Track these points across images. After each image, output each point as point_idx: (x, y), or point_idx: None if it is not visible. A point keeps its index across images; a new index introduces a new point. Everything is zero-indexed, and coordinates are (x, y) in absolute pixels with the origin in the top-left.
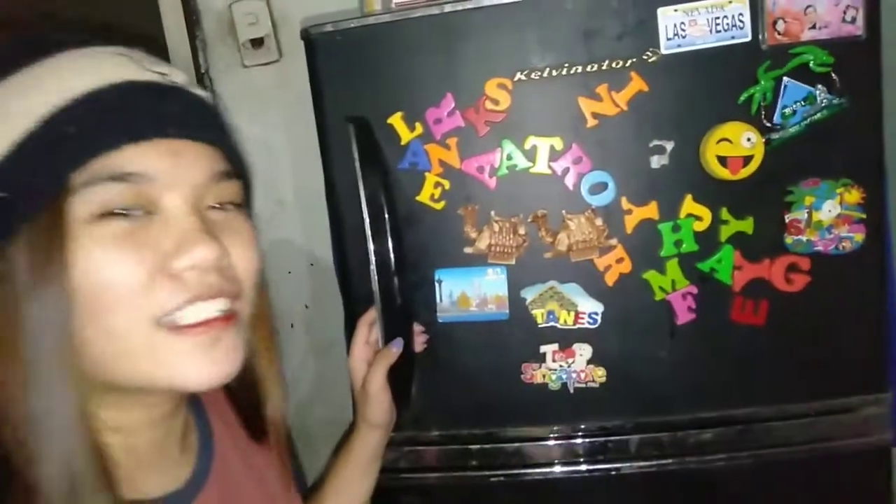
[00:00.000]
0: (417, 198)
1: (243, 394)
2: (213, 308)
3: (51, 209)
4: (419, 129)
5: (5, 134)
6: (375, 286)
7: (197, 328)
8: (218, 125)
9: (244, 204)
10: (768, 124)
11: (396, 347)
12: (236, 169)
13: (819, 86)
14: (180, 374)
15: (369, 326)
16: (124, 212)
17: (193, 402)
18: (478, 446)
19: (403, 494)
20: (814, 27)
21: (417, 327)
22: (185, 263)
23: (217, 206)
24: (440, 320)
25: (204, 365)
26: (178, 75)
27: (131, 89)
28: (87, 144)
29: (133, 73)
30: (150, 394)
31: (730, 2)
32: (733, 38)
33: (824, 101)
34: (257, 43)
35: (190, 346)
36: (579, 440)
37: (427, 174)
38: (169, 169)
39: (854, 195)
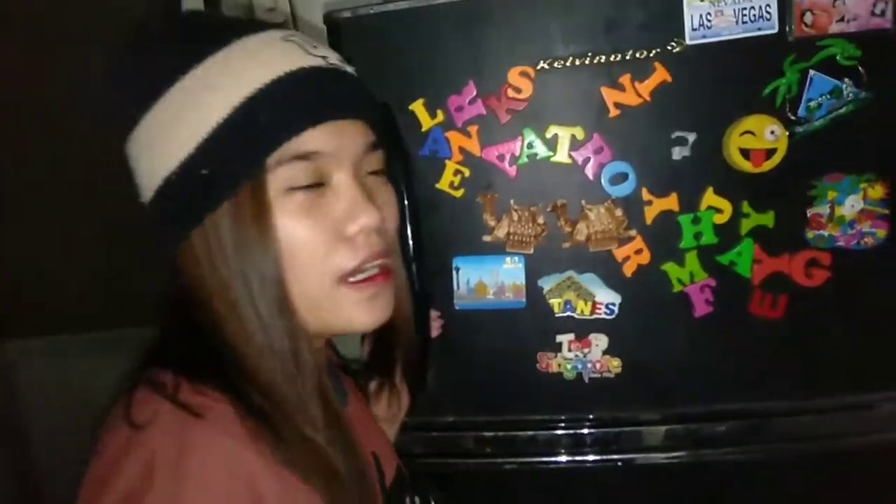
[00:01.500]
0: (437, 185)
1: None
2: (376, 266)
3: (250, 186)
4: (440, 116)
5: (202, 122)
6: None
7: (365, 283)
8: (367, 101)
9: (385, 170)
10: (793, 117)
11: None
12: (379, 139)
13: (846, 79)
14: (351, 321)
15: None
16: (306, 186)
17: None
18: (492, 433)
19: (416, 478)
20: (842, 20)
21: (434, 314)
22: (354, 228)
23: (370, 172)
24: (457, 307)
25: (368, 313)
26: (332, 55)
27: (304, 77)
28: (278, 131)
29: (302, 60)
30: (320, 340)
31: None
32: (760, 29)
33: (850, 94)
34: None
35: (359, 298)
36: (593, 430)
37: (447, 161)
38: (337, 145)
39: (878, 191)
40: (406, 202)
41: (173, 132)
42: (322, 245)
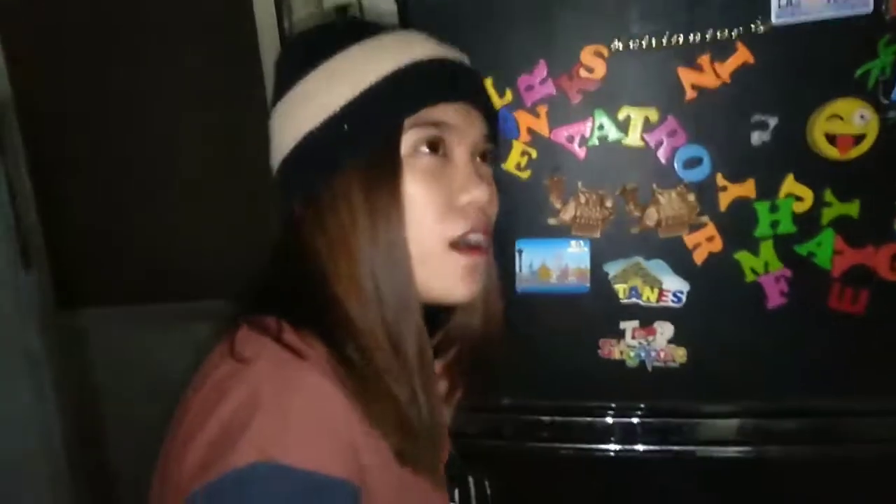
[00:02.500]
0: (503, 165)
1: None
2: (480, 238)
3: (386, 142)
4: (509, 95)
5: (353, 86)
6: None
7: (469, 252)
8: (488, 97)
9: (494, 162)
10: (885, 101)
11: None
12: (493, 134)
13: None
14: (450, 289)
15: None
16: (431, 149)
17: None
18: (549, 418)
19: (470, 462)
20: None
21: None
22: (467, 199)
23: (481, 158)
24: (519, 290)
25: (466, 283)
26: (457, 53)
27: (444, 63)
28: (419, 98)
29: (438, 51)
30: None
31: None
32: (853, 8)
33: None
34: (341, 10)
35: (463, 264)
36: (652, 420)
37: (514, 142)
38: (462, 123)
39: None
40: None
41: (320, 97)
42: (439, 207)
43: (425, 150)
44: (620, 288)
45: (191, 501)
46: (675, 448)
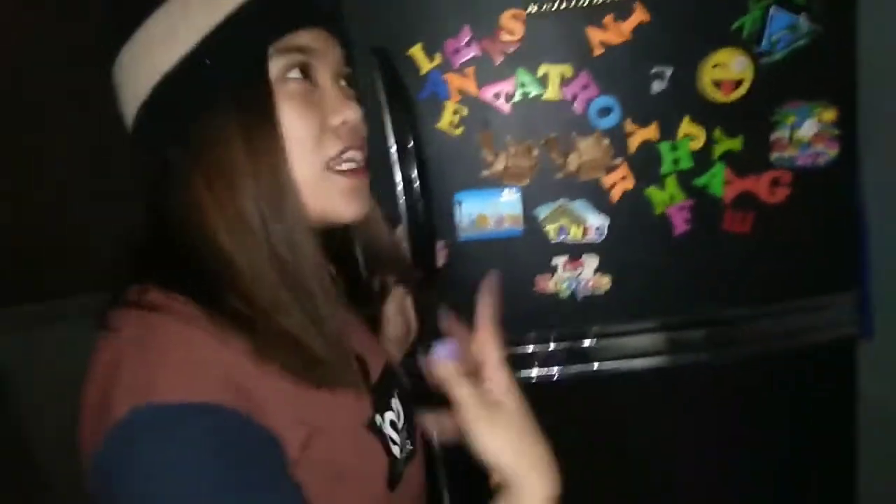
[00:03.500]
0: (437, 125)
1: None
2: (359, 156)
3: (256, 72)
4: (438, 59)
5: (204, 19)
6: (402, 209)
7: (350, 173)
8: (342, 21)
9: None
10: (757, 49)
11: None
12: (350, 57)
13: (802, 14)
14: (338, 209)
15: None
16: (300, 77)
17: None
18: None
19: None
20: None
21: (440, 245)
22: (339, 119)
23: (344, 82)
24: (460, 239)
25: (352, 203)
26: None
27: None
28: (282, 24)
29: None
30: (316, 236)
31: None
32: None
33: (806, 28)
34: None
35: (345, 185)
36: (587, 342)
37: (446, 102)
38: (324, 47)
39: (830, 115)
40: (410, 143)
41: (174, 34)
42: (313, 130)
43: (294, 75)
44: (550, 228)
45: (95, 468)
46: (608, 366)
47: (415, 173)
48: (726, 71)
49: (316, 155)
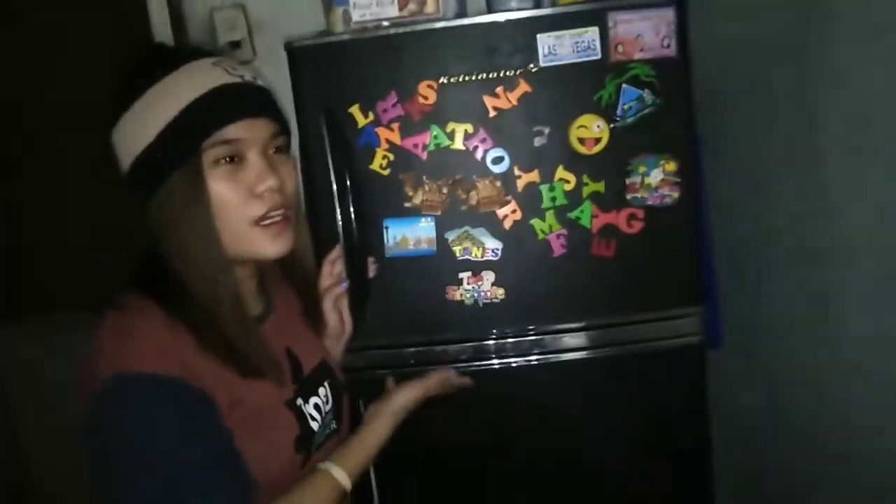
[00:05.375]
0: (370, 167)
1: (298, 279)
2: (281, 213)
3: (192, 163)
4: (371, 116)
5: (158, 120)
6: (341, 232)
7: (272, 226)
8: (272, 103)
9: (289, 149)
10: (613, 116)
11: (345, 283)
12: (283, 128)
13: (646, 90)
14: (264, 249)
15: (331, 264)
16: (228, 160)
17: (262, 276)
18: (414, 349)
19: (360, 389)
20: (642, 50)
21: (370, 260)
22: (262, 188)
23: (274, 151)
24: (388, 256)
25: (274, 246)
26: (248, 73)
27: (226, 90)
28: (209, 126)
29: (225, 78)
30: (246, 263)
31: (587, 31)
32: (589, 56)
33: (650, 100)
34: (235, 45)
35: (267, 235)
36: (489, 341)
37: (377, 149)
38: (248, 134)
39: (672, 165)
40: (348, 181)
41: (141, 127)
42: (240, 198)
43: (221, 162)
44: (457, 249)
45: (85, 422)
46: (504, 361)
47: (351, 204)
48: (589, 131)
49: (243, 215)
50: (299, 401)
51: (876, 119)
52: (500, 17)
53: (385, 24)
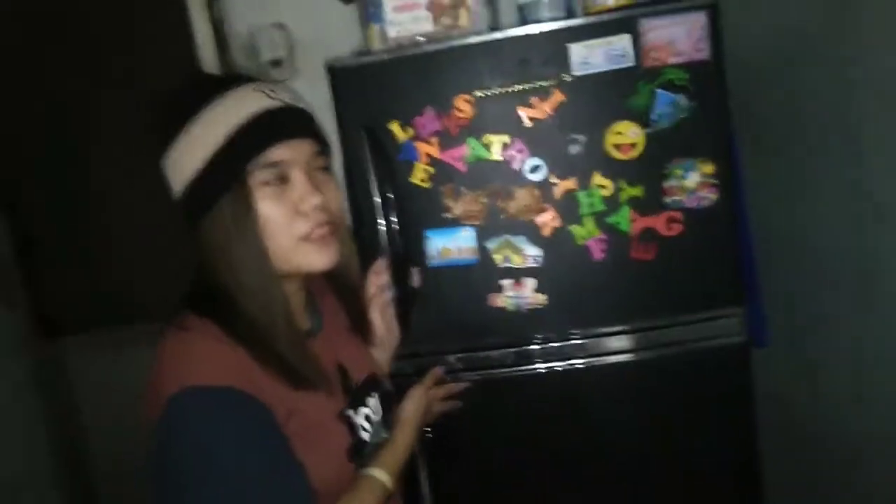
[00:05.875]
0: (411, 180)
1: (345, 291)
2: (325, 228)
3: (240, 185)
4: (410, 132)
5: (207, 146)
6: (386, 243)
7: (318, 239)
8: (312, 123)
9: (330, 167)
10: (647, 121)
11: (391, 291)
12: (324, 148)
13: (681, 94)
14: (311, 262)
15: (376, 274)
16: (273, 181)
17: (311, 291)
18: (457, 355)
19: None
20: (676, 55)
21: (415, 270)
22: (306, 206)
23: (317, 169)
24: (430, 266)
25: (321, 257)
26: (287, 96)
27: (267, 114)
28: (252, 149)
29: (267, 103)
30: (294, 277)
31: (619, 39)
32: (622, 63)
33: (684, 104)
34: (276, 63)
35: (314, 248)
36: (530, 346)
37: (417, 163)
38: (291, 156)
39: (709, 168)
40: (391, 195)
41: (190, 155)
42: (286, 217)
43: (268, 183)
44: (498, 257)
45: (153, 436)
46: (548, 365)
47: (394, 216)
48: (624, 137)
49: (289, 232)
50: (350, 412)
51: None
52: (532, 29)
53: (421, 38)
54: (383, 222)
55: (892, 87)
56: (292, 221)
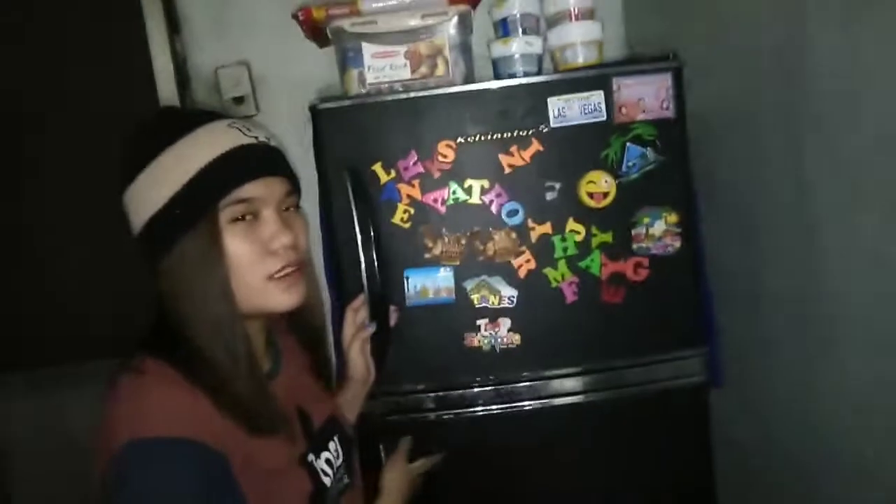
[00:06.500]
0: (392, 220)
1: (308, 331)
2: (293, 267)
3: (209, 220)
4: (393, 173)
5: (175, 181)
6: (365, 281)
7: (286, 278)
8: (285, 162)
9: (298, 206)
10: (619, 172)
11: (370, 328)
12: (295, 187)
13: (649, 147)
14: (278, 302)
15: (354, 311)
16: (243, 218)
17: (271, 332)
18: (433, 394)
19: (382, 435)
20: (644, 111)
21: (392, 308)
22: (276, 245)
23: (287, 209)
24: (408, 305)
25: (287, 297)
26: (262, 133)
27: (241, 151)
28: (227, 185)
29: (240, 139)
30: (256, 318)
31: (593, 94)
32: (595, 117)
33: (652, 157)
34: (238, 100)
35: (281, 288)
36: (503, 385)
37: (399, 204)
38: (263, 193)
39: (673, 217)
40: (371, 233)
41: (157, 186)
42: (255, 255)
43: (237, 220)
44: (475, 297)
45: (102, 488)
46: (521, 404)
47: (374, 255)
48: (597, 186)
49: (258, 270)
50: (311, 456)
51: (865, 167)
52: (512, 81)
53: (398, 87)
54: (363, 260)
55: (840, 142)
56: (262, 260)
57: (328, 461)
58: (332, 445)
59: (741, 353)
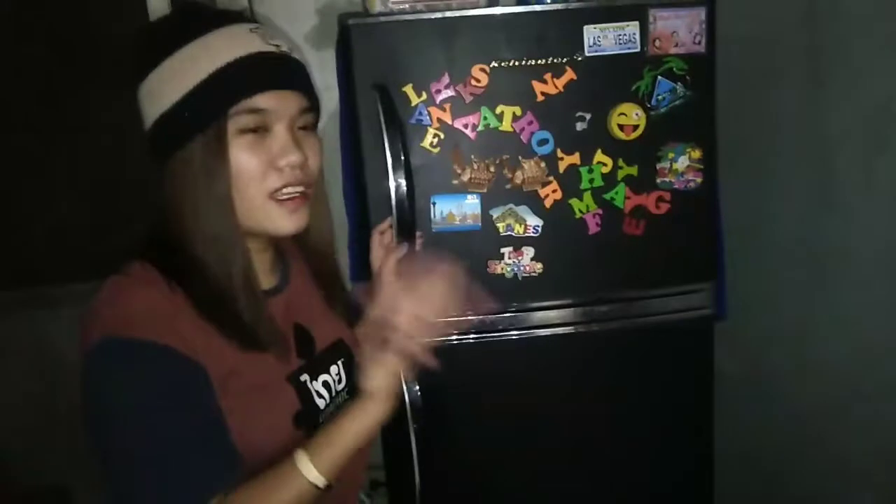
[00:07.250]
0: (421, 144)
1: (314, 256)
2: (299, 189)
3: (217, 127)
4: (424, 96)
5: (188, 80)
6: (394, 206)
7: (288, 201)
8: (305, 77)
9: (315, 126)
10: (648, 105)
11: (402, 249)
12: (313, 105)
13: (679, 82)
14: (276, 225)
15: (381, 234)
16: (253, 130)
17: (281, 251)
18: (454, 318)
19: None
20: (676, 45)
21: (417, 233)
22: (284, 162)
23: (302, 127)
24: (434, 230)
25: (288, 221)
26: (284, 45)
27: (259, 58)
28: (238, 92)
29: (260, 46)
30: (260, 236)
31: (628, 25)
32: (629, 48)
33: (682, 92)
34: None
35: (283, 211)
36: (525, 313)
37: (429, 128)
38: (276, 106)
39: (697, 153)
40: (402, 157)
41: (169, 85)
42: (259, 170)
43: (246, 131)
44: (500, 225)
45: (81, 384)
46: (541, 332)
47: (403, 179)
48: (628, 118)
49: (260, 186)
50: (305, 376)
51: (885, 111)
52: (549, 6)
53: (420, 6)
54: (393, 184)
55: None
56: (265, 176)
57: (326, 383)
58: (333, 369)
59: (744, 288)
